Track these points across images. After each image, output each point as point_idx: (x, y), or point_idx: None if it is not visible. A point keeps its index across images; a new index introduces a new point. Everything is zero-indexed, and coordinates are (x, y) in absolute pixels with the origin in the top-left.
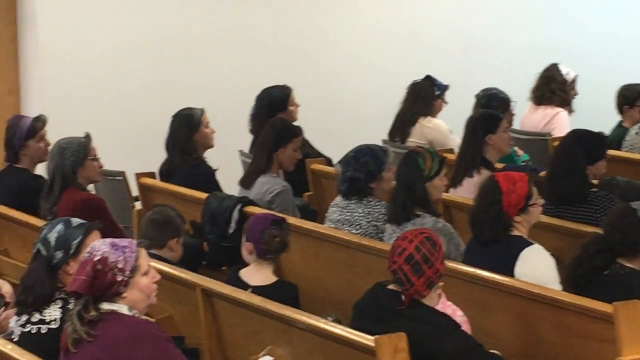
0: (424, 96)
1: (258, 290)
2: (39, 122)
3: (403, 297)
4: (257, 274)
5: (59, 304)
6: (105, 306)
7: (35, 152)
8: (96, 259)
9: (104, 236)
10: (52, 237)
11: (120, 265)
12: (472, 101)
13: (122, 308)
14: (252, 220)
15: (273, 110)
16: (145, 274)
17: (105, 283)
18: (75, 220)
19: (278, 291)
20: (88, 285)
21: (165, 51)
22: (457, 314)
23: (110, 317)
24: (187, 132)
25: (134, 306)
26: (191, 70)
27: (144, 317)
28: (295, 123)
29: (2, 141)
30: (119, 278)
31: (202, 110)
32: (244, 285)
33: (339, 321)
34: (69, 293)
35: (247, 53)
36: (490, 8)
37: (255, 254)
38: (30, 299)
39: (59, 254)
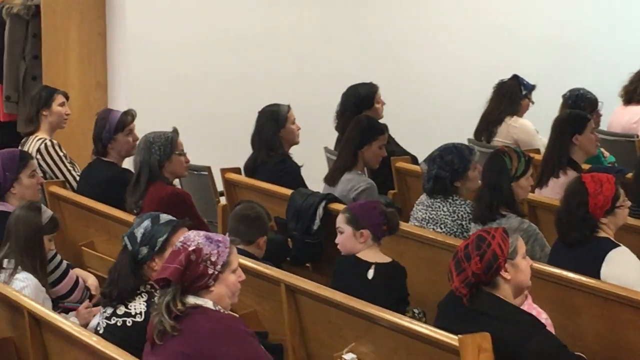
0: (511, 95)
1: (380, 267)
2: (128, 116)
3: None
4: (374, 254)
5: (144, 297)
6: (191, 300)
7: (123, 146)
8: (190, 249)
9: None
10: (139, 232)
11: (213, 259)
12: (559, 101)
13: (207, 303)
14: (360, 208)
15: (359, 108)
16: (234, 271)
17: (196, 274)
18: (164, 217)
19: (396, 269)
20: (179, 274)
21: (252, 47)
22: (542, 317)
23: (196, 311)
24: (273, 128)
25: (218, 302)
26: (278, 67)
27: (229, 312)
28: (381, 121)
29: (91, 134)
30: (210, 271)
31: (288, 107)
32: (365, 263)
33: (424, 315)
34: (157, 281)
35: (334, 50)
36: (583, 9)
37: (371, 238)
38: (115, 292)
39: (144, 250)
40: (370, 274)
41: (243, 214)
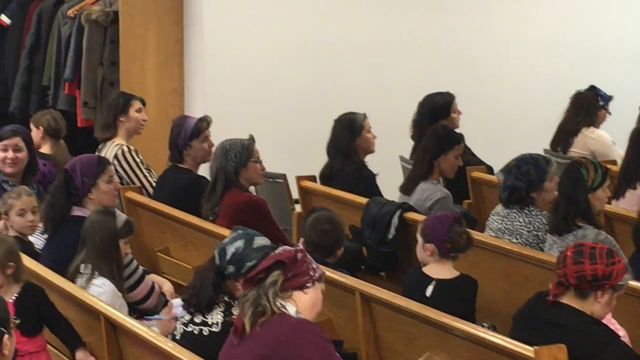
0: (588, 106)
1: (442, 283)
2: (204, 122)
3: (550, 285)
4: (440, 269)
5: (222, 307)
6: (279, 302)
7: (198, 152)
8: (298, 249)
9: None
10: (230, 250)
11: (314, 265)
12: (636, 112)
13: (290, 309)
14: (431, 221)
15: (435, 117)
16: (323, 285)
17: (301, 269)
18: (258, 242)
19: (461, 284)
20: (290, 261)
21: (328, 55)
22: (620, 334)
23: (276, 316)
24: (349, 136)
25: (303, 310)
26: (354, 75)
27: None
28: (457, 130)
29: (167, 141)
30: (311, 273)
31: (364, 115)
32: (427, 279)
33: (494, 328)
34: (260, 271)
35: (410, 59)
36: None
37: (437, 253)
38: (194, 300)
39: (231, 268)
40: (429, 290)
41: (324, 230)
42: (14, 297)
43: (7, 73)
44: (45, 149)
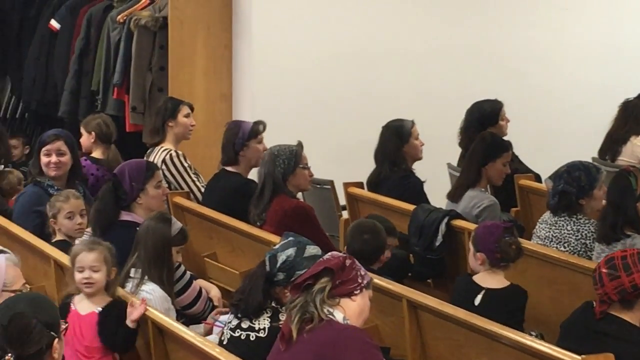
0: (637, 114)
1: (492, 293)
2: (260, 125)
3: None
4: (490, 278)
5: (269, 313)
6: (326, 309)
7: (254, 153)
8: (347, 256)
9: None
10: (281, 257)
11: (362, 272)
12: None
13: (338, 316)
14: (481, 230)
15: (483, 124)
16: (371, 292)
17: (348, 276)
18: (310, 250)
19: (510, 295)
20: (339, 268)
21: (377, 62)
22: None
23: (324, 322)
24: (397, 143)
25: (350, 317)
26: (402, 82)
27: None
28: (505, 138)
29: (216, 146)
30: (359, 280)
31: (412, 122)
32: (477, 287)
33: (541, 337)
34: (307, 278)
35: (458, 66)
36: None
37: (487, 263)
38: (242, 305)
39: (280, 275)
40: (478, 299)
41: (364, 240)
42: (99, 309)
43: (56, 78)
44: (97, 153)
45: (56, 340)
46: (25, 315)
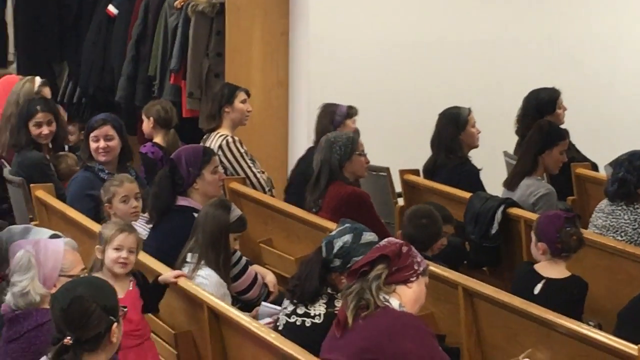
0: None
1: (552, 283)
2: (353, 109)
3: None
4: (551, 268)
5: (325, 299)
6: (382, 296)
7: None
8: (403, 242)
9: None
10: (338, 244)
11: (418, 259)
12: None
13: (394, 303)
14: (543, 220)
15: (541, 113)
16: (427, 279)
17: (405, 263)
18: (366, 237)
19: (570, 285)
20: (395, 255)
21: (434, 50)
22: None
23: (379, 309)
24: (454, 130)
25: (406, 304)
26: (459, 69)
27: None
28: (562, 126)
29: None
30: (416, 267)
31: (469, 110)
32: (537, 277)
33: (599, 326)
34: (364, 264)
35: (516, 54)
36: None
37: (549, 253)
38: (298, 291)
39: (337, 262)
40: (538, 288)
41: (419, 224)
42: (132, 283)
43: (113, 63)
44: (158, 139)
45: (115, 324)
46: (85, 299)
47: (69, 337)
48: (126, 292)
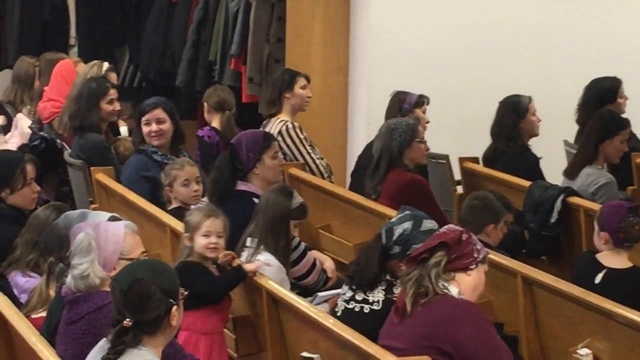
0: None
1: (613, 273)
2: (424, 98)
3: None
4: (613, 258)
5: (384, 286)
6: (441, 283)
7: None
8: (463, 230)
9: None
10: (397, 231)
11: (478, 247)
12: None
13: (453, 290)
14: (606, 209)
15: (602, 102)
16: (486, 266)
17: (463, 250)
18: (426, 224)
19: (632, 276)
20: (455, 242)
21: (495, 38)
22: None
23: (438, 297)
24: (514, 119)
25: (465, 291)
26: (520, 57)
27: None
28: (623, 116)
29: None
30: (475, 255)
31: (529, 98)
32: (598, 266)
33: None
34: (423, 251)
35: (578, 43)
36: None
37: (611, 242)
38: (357, 277)
39: (396, 249)
40: (598, 278)
41: (471, 204)
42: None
43: (174, 48)
44: (215, 123)
45: (175, 307)
46: (145, 282)
47: (128, 319)
48: None
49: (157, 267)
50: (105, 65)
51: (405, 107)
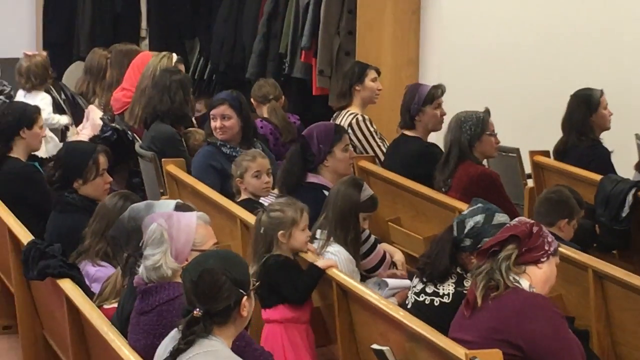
0: None
1: None
2: (439, 89)
3: None
4: None
5: (454, 278)
6: (511, 277)
7: (431, 119)
8: (534, 222)
9: None
10: (469, 223)
11: (549, 239)
12: None
13: (524, 284)
14: None
15: None
16: (557, 259)
17: (534, 243)
18: (498, 218)
19: None
20: (525, 235)
21: (567, 30)
22: None
23: (509, 291)
24: (585, 112)
25: (536, 284)
26: (592, 51)
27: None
28: None
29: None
30: (546, 247)
31: (601, 92)
32: None
33: None
34: (494, 244)
35: None
36: None
37: None
38: (428, 270)
39: (467, 242)
40: None
41: (547, 197)
42: None
43: (244, 40)
44: (264, 114)
45: (245, 298)
46: (215, 272)
47: (197, 309)
48: None
49: (227, 257)
50: (175, 56)
51: (414, 107)
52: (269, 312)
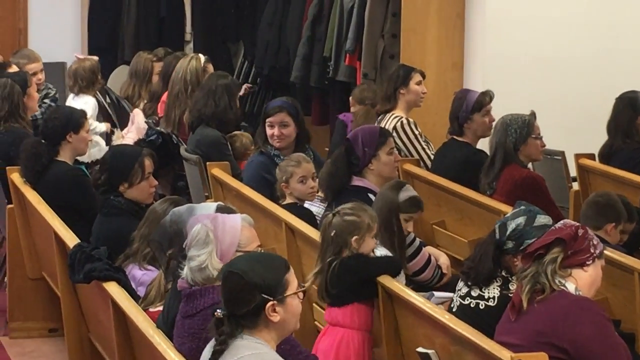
0: None
1: None
2: (486, 96)
3: None
4: None
5: (499, 282)
6: (557, 280)
7: (479, 126)
8: (579, 225)
9: None
10: (511, 226)
11: (594, 242)
12: None
13: (570, 287)
14: None
15: None
16: (603, 261)
17: (580, 246)
18: (540, 220)
19: None
20: (571, 238)
21: (613, 32)
22: None
23: (555, 293)
24: (631, 115)
25: (582, 287)
26: (636, 53)
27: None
28: None
29: (446, 114)
30: (592, 250)
31: None
32: None
33: None
34: (540, 247)
35: None
36: None
37: None
38: (473, 274)
39: (509, 244)
40: None
41: (595, 200)
42: None
43: (289, 43)
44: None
45: (271, 303)
46: (237, 274)
47: (219, 310)
48: None
49: (258, 260)
50: (202, 57)
51: (462, 115)
52: (338, 313)
